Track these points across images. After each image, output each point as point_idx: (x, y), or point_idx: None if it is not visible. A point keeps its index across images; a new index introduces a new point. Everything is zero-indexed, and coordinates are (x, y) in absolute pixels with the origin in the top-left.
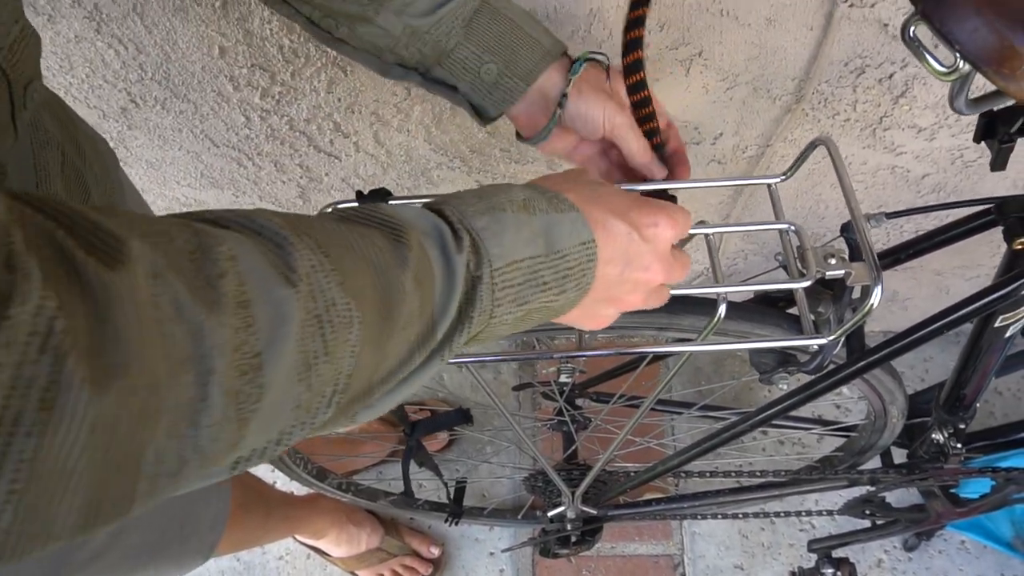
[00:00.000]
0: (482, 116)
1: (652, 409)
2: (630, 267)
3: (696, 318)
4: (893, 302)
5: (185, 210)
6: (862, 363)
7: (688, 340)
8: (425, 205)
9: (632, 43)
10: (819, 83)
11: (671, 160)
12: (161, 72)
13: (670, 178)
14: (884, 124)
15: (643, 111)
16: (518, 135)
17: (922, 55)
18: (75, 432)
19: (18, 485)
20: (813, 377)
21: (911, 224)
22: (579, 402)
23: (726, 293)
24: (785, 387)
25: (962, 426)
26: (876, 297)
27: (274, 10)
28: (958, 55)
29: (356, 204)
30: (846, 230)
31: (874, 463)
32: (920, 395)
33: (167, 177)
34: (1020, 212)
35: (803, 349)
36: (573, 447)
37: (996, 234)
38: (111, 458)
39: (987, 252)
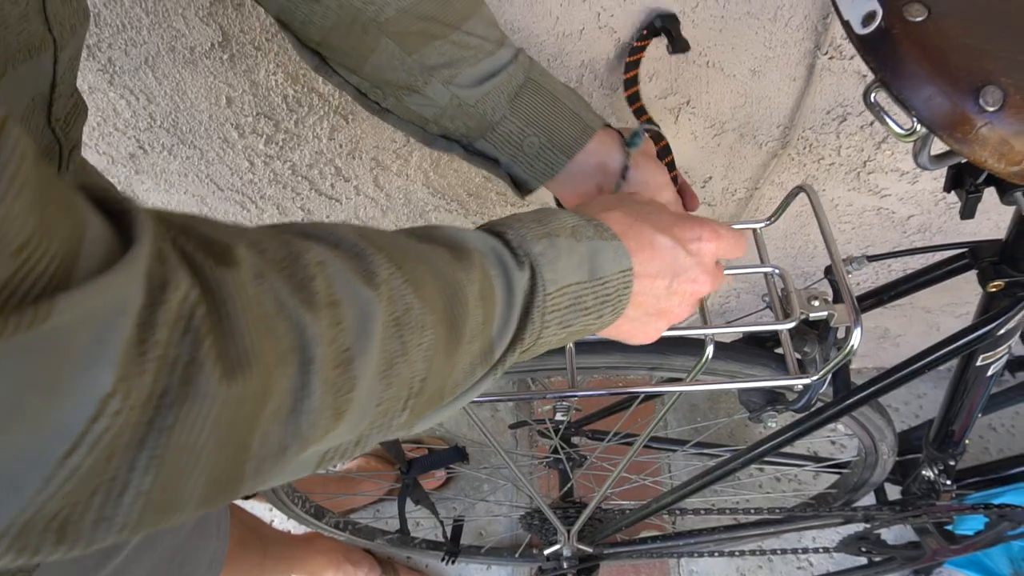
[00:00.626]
0: (521, 187)
1: (647, 446)
2: (678, 279)
3: (686, 358)
4: (885, 339)
5: None
6: (847, 402)
7: (678, 380)
8: (484, 227)
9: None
10: (803, 130)
11: (684, 193)
12: (170, 120)
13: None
14: (868, 168)
15: (660, 144)
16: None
17: (883, 119)
18: (207, 410)
19: (158, 451)
20: (801, 415)
21: (899, 263)
22: (575, 440)
23: (713, 335)
24: (774, 425)
25: (952, 463)
26: (856, 339)
27: (324, 78)
28: (915, 120)
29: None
30: (829, 272)
31: (869, 499)
32: (912, 432)
33: None
34: (992, 257)
35: (790, 388)
36: (569, 485)
37: (974, 275)
38: (231, 438)
39: (972, 290)
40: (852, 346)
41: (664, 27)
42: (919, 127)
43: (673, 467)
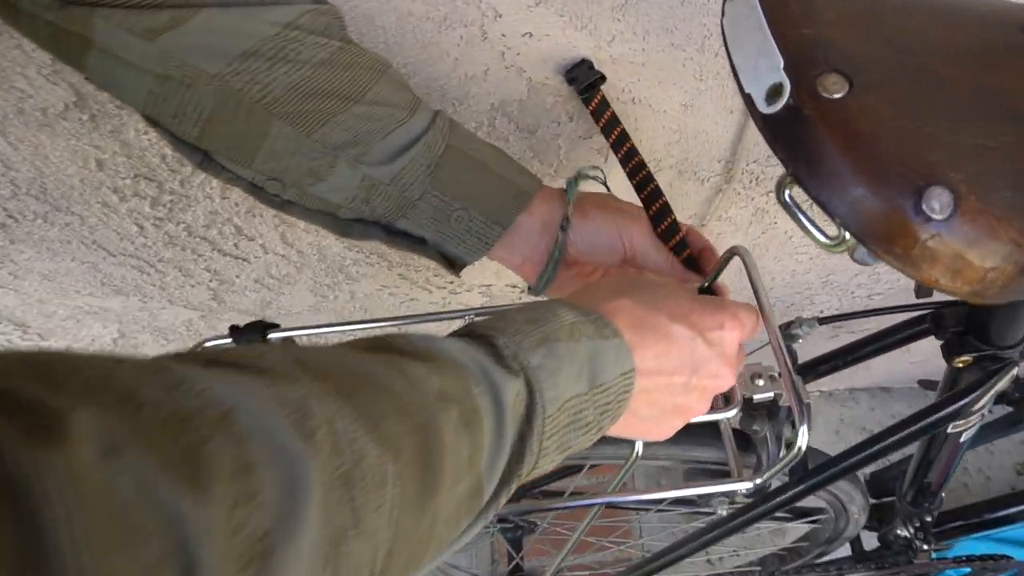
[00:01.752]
0: (454, 264)
1: (611, 507)
2: (698, 375)
3: (616, 447)
4: None
5: (93, 317)
6: (803, 486)
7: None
8: (465, 330)
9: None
10: (748, 163)
11: (701, 260)
12: (36, 187)
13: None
14: None
15: (654, 206)
16: (529, 288)
17: (802, 224)
18: None
19: None
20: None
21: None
22: (525, 502)
23: None
24: (724, 512)
25: (928, 518)
26: (803, 438)
27: (212, 176)
28: (841, 228)
29: (231, 341)
30: (788, 328)
31: (845, 550)
32: (886, 472)
33: (65, 287)
34: (956, 327)
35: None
36: (521, 555)
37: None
38: None
39: None
40: (799, 447)
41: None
42: (847, 235)
43: (644, 529)
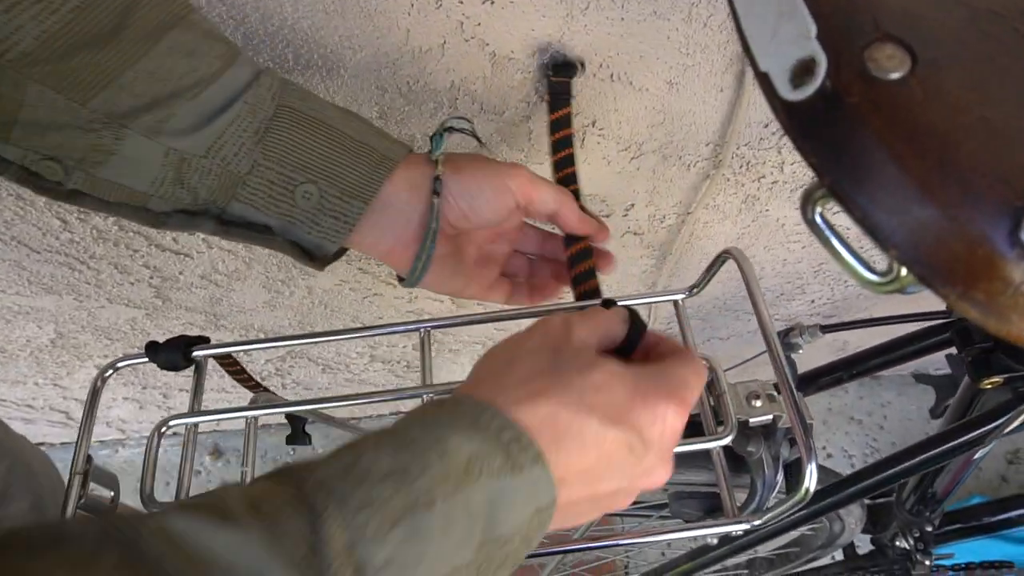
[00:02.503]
0: (315, 257)
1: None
2: (628, 479)
3: None
4: (845, 352)
5: (25, 317)
6: (807, 511)
7: None
8: (291, 479)
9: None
10: (738, 146)
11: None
12: None
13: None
14: None
15: (565, 171)
16: (399, 279)
17: (837, 252)
18: None
19: None
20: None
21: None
22: None
23: None
24: (715, 541)
25: (929, 528)
26: (811, 479)
27: None
28: (895, 260)
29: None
30: (786, 336)
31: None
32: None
33: None
34: (985, 341)
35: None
36: None
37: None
38: None
39: None
40: (807, 488)
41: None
42: (903, 271)
43: (633, 566)
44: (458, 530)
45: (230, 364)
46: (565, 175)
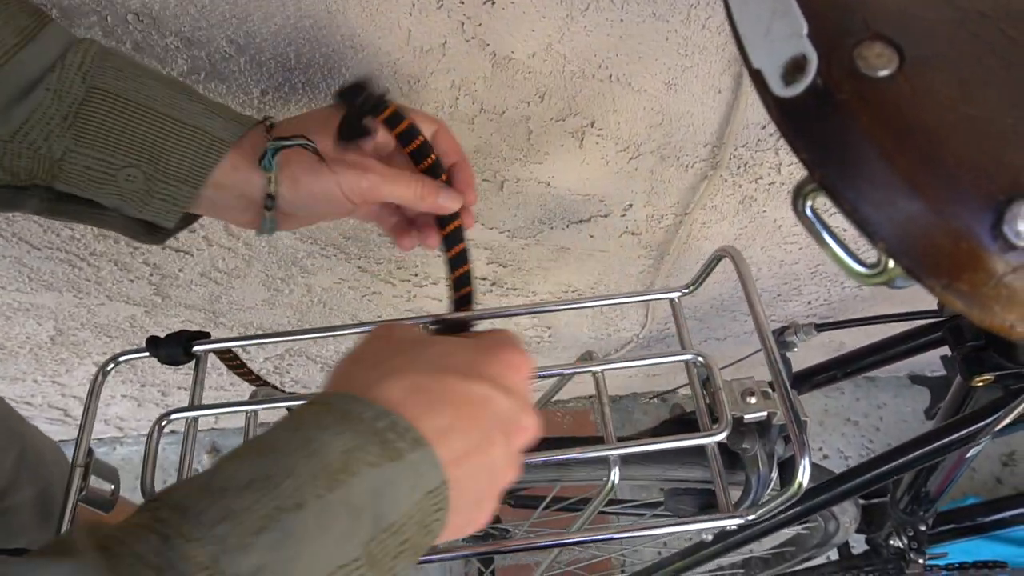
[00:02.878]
0: (154, 232)
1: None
2: (506, 433)
3: (591, 469)
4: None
5: (24, 314)
6: (800, 508)
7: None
8: (146, 507)
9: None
10: (736, 147)
11: (455, 177)
12: None
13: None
14: None
15: (413, 145)
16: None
17: (827, 245)
18: None
19: None
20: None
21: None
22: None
23: (619, 455)
24: (710, 537)
25: (923, 527)
26: (804, 474)
27: None
28: (883, 252)
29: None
30: (781, 334)
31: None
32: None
33: None
34: (977, 339)
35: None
36: (491, 568)
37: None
38: None
39: None
40: (800, 483)
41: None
42: (891, 264)
43: (628, 565)
44: (338, 526)
45: (230, 359)
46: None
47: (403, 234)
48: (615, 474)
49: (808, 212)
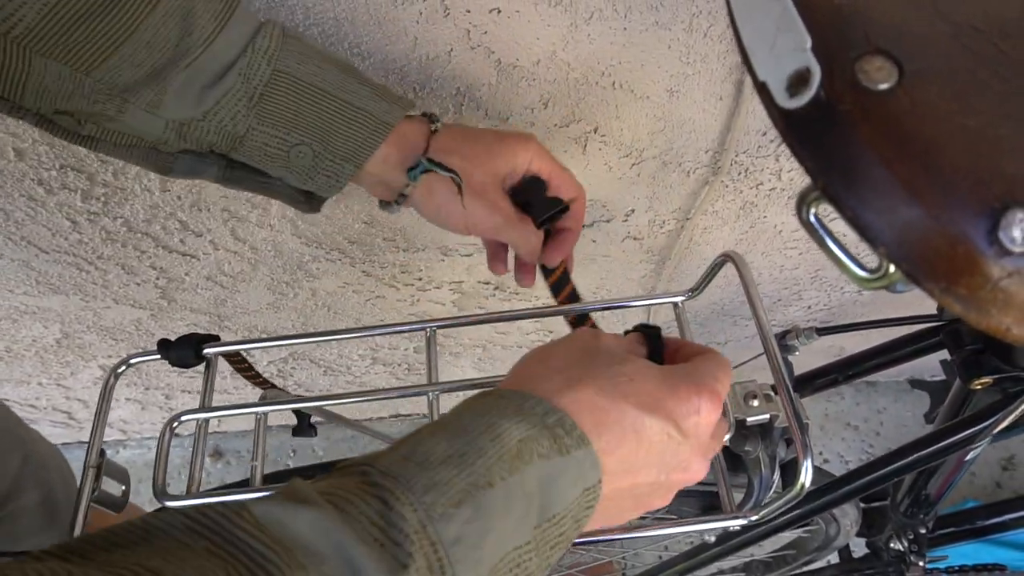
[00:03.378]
0: (310, 203)
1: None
2: (666, 471)
3: None
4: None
5: (31, 317)
6: (802, 510)
7: None
8: (355, 470)
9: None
10: (737, 154)
11: (554, 240)
12: None
13: (547, 255)
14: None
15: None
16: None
17: (830, 250)
18: None
19: None
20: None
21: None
22: None
23: None
24: (712, 539)
25: (923, 530)
26: (807, 475)
27: None
28: (884, 257)
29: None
30: (783, 338)
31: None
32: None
33: None
34: (975, 343)
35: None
36: None
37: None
38: None
39: None
40: (803, 484)
41: None
42: (891, 268)
43: (630, 568)
44: (517, 509)
45: (239, 362)
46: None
47: (498, 261)
48: None
49: (812, 219)
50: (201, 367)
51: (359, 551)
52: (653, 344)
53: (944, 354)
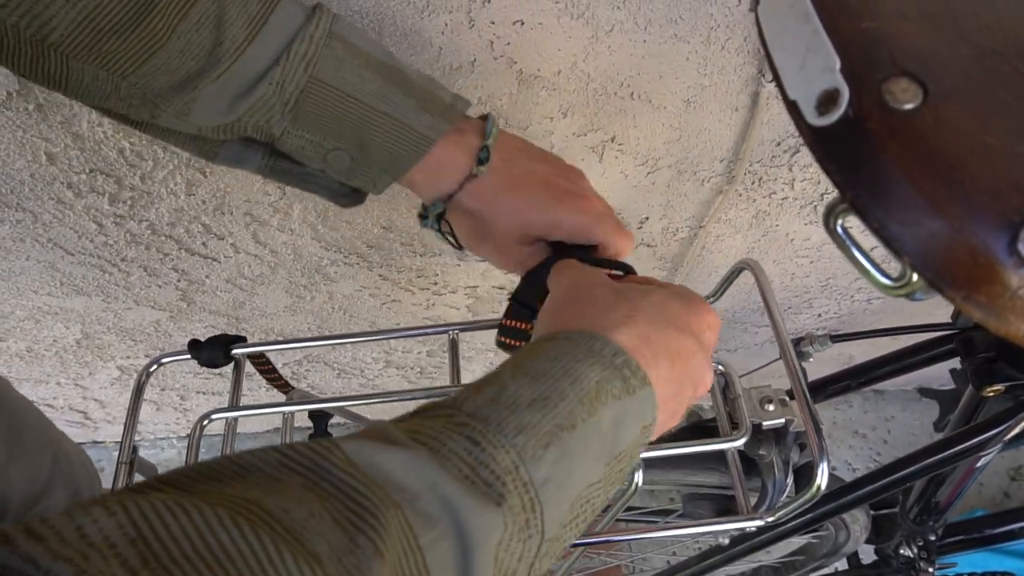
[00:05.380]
0: (353, 197)
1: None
2: (692, 384)
3: None
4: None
5: (53, 318)
6: (814, 514)
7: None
8: (441, 412)
9: None
10: (751, 163)
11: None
12: None
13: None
14: (825, 200)
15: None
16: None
17: (856, 258)
18: None
19: None
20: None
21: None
22: None
23: (642, 458)
24: (726, 541)
25: (932, 537)
26: (823, 477)
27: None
28: (908, 267)
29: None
30: (798, 344)
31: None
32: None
33: (20, 287)
34: (988, 350)
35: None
36: None
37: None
38: None
39: None
40: (819, 486)
41: None
42: (914, 277)
43: (638, 545)
44: (593, 448)
45: (263, 364)
46: None
47: None
48: (639, 476)
49: (839, 230)
50: (207, 369)
51: (453, 488)
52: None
53: (953, 363)
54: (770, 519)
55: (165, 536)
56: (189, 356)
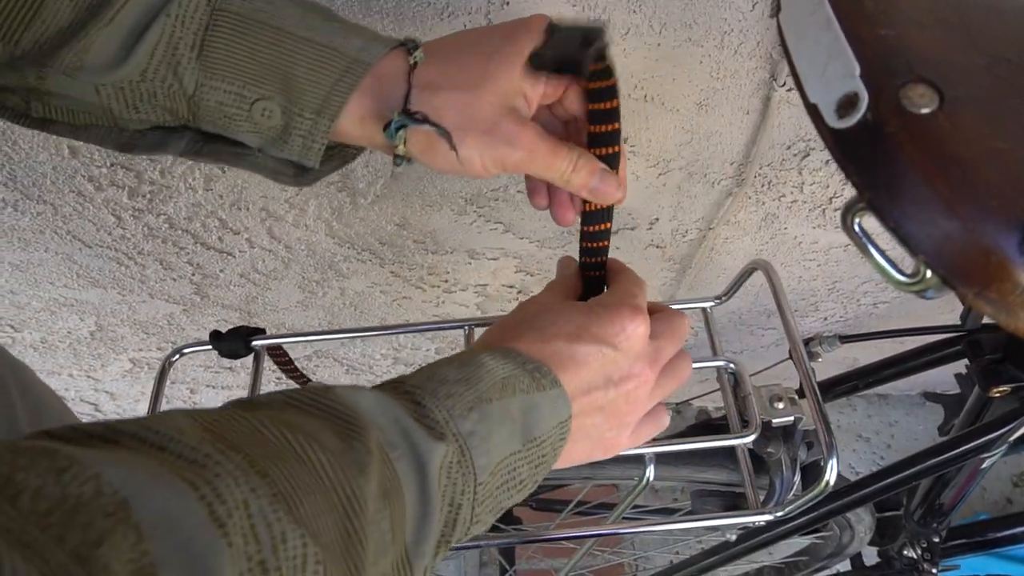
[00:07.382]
0: (300, 175)
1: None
2: (612, 384)
3: (623, 468)
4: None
5: (69, 309)
6: (820, 512)
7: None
8: (389, 385)
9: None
10: (761, 167)
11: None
12: (5, 173)
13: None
14: (834, 204)
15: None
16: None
17: (872, 256)
18: None
19: None
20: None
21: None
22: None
23: (653, 453)
24: (733, 537)
25: (936, 539)
26: (832, 473)
27: None
28: (923, 264)
29: (209, 345)
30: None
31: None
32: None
33: (38, 278)
34: (994, 353)
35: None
36: (514, 568)
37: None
38: None
39: None
40: (827, 481)
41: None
42: (928, 274)
43: (642, 542)
44: (507, 425)
45: (280, 356)
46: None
47: (537, 194)
48: (650, 471)
49: (857, 228)
50: (219, 363)
51: (409, 422)
52: (591, 281)
53: (958, 367)
54: (780, 514)
55: (228, 431)
56: (210, 347)
